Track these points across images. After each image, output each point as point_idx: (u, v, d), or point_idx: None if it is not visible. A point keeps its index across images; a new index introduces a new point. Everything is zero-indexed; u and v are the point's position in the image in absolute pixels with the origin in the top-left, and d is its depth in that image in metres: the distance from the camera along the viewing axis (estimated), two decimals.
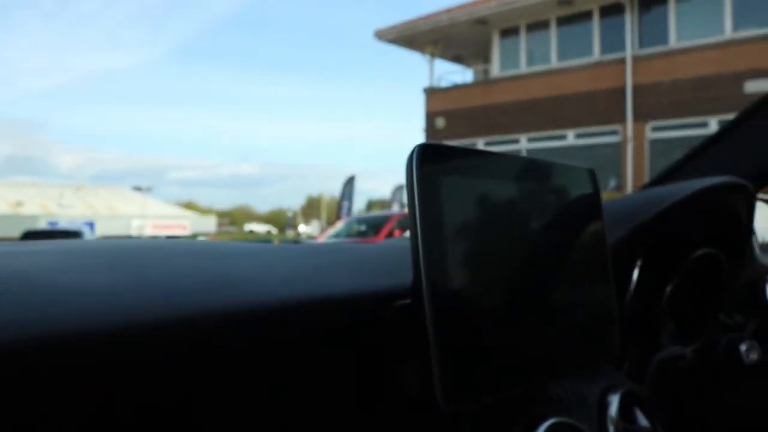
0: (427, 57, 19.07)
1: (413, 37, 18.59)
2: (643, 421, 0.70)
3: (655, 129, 14.77)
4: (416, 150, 0.46)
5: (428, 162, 0.47)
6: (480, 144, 17.68)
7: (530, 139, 16.83)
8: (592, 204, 0.63)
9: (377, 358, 0.52)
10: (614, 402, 0.68)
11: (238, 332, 0.45)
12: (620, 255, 0.80)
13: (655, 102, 14.55)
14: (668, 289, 0.96)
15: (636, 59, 15.07)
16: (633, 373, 0.87)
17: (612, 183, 15.53)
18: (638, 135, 14.81)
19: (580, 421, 0.61)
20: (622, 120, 15.08)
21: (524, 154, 16.84)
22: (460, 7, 17.54)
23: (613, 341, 0.63)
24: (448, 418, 0.52)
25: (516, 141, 17.04)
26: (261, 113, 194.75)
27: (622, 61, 15.20)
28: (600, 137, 15.70)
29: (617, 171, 15.37)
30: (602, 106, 15.34)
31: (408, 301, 0.50)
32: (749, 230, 1.05)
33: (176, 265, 0.54)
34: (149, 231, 34.66)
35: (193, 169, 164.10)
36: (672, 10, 14.93)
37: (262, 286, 0.51)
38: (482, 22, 17.34)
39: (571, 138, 16.17)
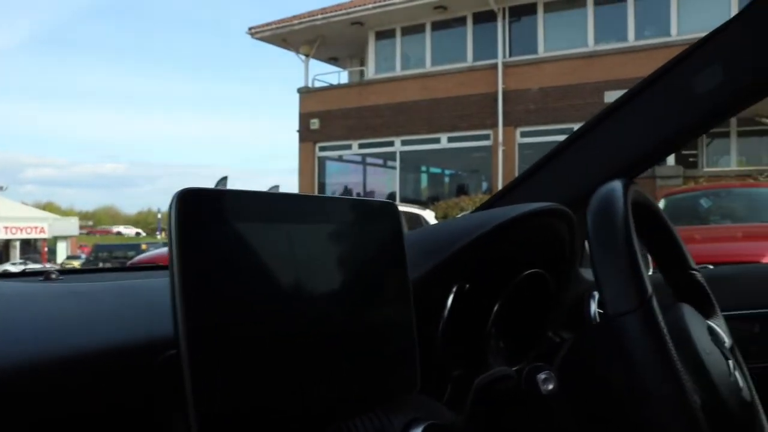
0: (302, 57, 18.80)
1: (288, 35, 18.28)
2: None
3: (524, 134, 15.30)
4: (177, 197, 0.45)
5: (192, 208, 0.45)
6: (355, 146, 17.65)
7: (404, 142, 16.97)
8: (390, 236, 0.64)
9: (148, 413, 0.51)
10: None
11: None
12: (440, 279, 0.82)
13: (524, 108, 15.08)
14: (495, 309, 0.96)
15: (507, 66, 15.53)
16: (456, 398, 0.87)
17: (484, 186, 15.98)
18: (508, 139, 15.26)
19: None
20: (493, 125, 15.48)
21: (398, 156, 17.17)
22: (336, 8, 17.40)
23: (414, 371, 0.64)
24: None
25: (390, 144, 17.14)
26: (129, 110, 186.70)
27: (494, 67, 15.62)
28: (472, 141, 16.07)
29: (489, 174, 15.81)
30: (475, 111, 15.69)
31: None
32: (573, 252, 1.07)
33: None
34: (1, 234, 32.22)
35: (52, 168, 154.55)
36: (540, 20, 15.54)
37: (15, 337, 0.50)
38: (358, 23, 17.30)
39: (444, 141, 16.43)
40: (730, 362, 0.80)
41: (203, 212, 0.46)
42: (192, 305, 0.45)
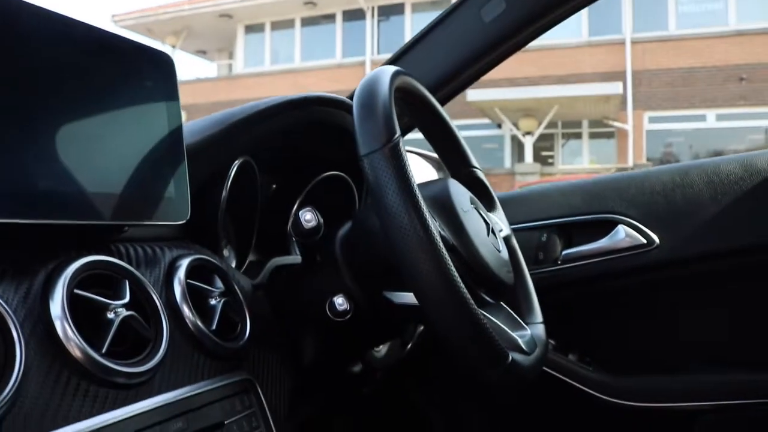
0: (169, 48, 18.23)
1: (153, 25, 17.66)
2: (219, 284, 0.79)
3: None
4: None
5: None
6: None
7: None
8: (162, 80, 0.71)
9: None
10: (184, 264, 0.74)
11: None
12: (222, 146, 0.88)
13: None
14: (296, 205, 1.09)
15: (375, 63, 15.75)
16: (250, 270, 0.95)
17: None
18: None
19: (145, 275, 0.69)
20: None
21: None
22: None
23: (184, 203, 0.72)
24: None
25: None
26: None
27: (362, 64, 15.81)
28: None
29: None
30: None
31: None
32: None
33: None
34: None
35: None
36: (408, 20, 15.89)
37: None
38: (227, 15, 17.00)
39: None
40: (491, 227, 0.87)
41: None
42: None
